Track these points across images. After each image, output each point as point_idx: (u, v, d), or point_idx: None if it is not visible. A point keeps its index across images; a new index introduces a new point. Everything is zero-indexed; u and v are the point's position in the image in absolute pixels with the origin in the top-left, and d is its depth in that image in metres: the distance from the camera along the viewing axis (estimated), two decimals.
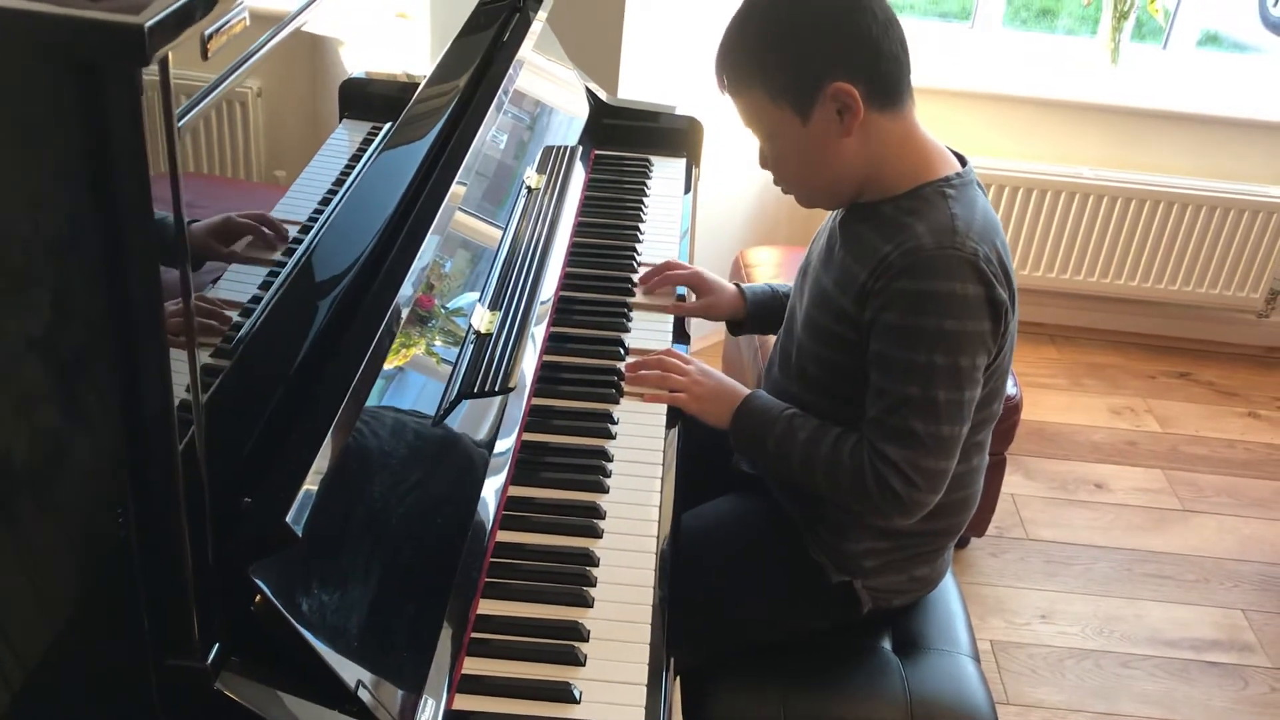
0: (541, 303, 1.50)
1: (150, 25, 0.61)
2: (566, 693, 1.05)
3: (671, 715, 1.17)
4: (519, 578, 1.17)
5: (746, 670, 1.43)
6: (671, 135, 2.09)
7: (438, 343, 1.25)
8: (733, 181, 2.84)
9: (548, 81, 1.93)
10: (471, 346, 1.29)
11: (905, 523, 1.34)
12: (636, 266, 1.74)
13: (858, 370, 1.32)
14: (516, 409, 1.36)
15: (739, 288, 1.69)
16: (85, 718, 0.87)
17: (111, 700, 0.86)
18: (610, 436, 1.39)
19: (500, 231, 1.51)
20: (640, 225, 1.85)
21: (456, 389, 1.22)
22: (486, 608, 1.13)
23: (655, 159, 2.06)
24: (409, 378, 1.16)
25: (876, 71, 1.26)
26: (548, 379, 1.46)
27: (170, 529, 0.77)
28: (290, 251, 1.03)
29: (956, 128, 3.03)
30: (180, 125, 0.72)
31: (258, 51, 0.91)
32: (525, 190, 1.64)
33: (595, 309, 1.63)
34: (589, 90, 2.07)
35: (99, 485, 0.76)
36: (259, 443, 0.95)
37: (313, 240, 1.06)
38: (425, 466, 1.13)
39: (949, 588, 1.57)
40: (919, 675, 1.43)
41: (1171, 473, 2.78)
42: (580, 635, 1.12)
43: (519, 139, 1.73)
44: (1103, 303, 3.26)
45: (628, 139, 2.08)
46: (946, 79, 3.00)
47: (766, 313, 1.67)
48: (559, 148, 1.81)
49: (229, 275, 0.92)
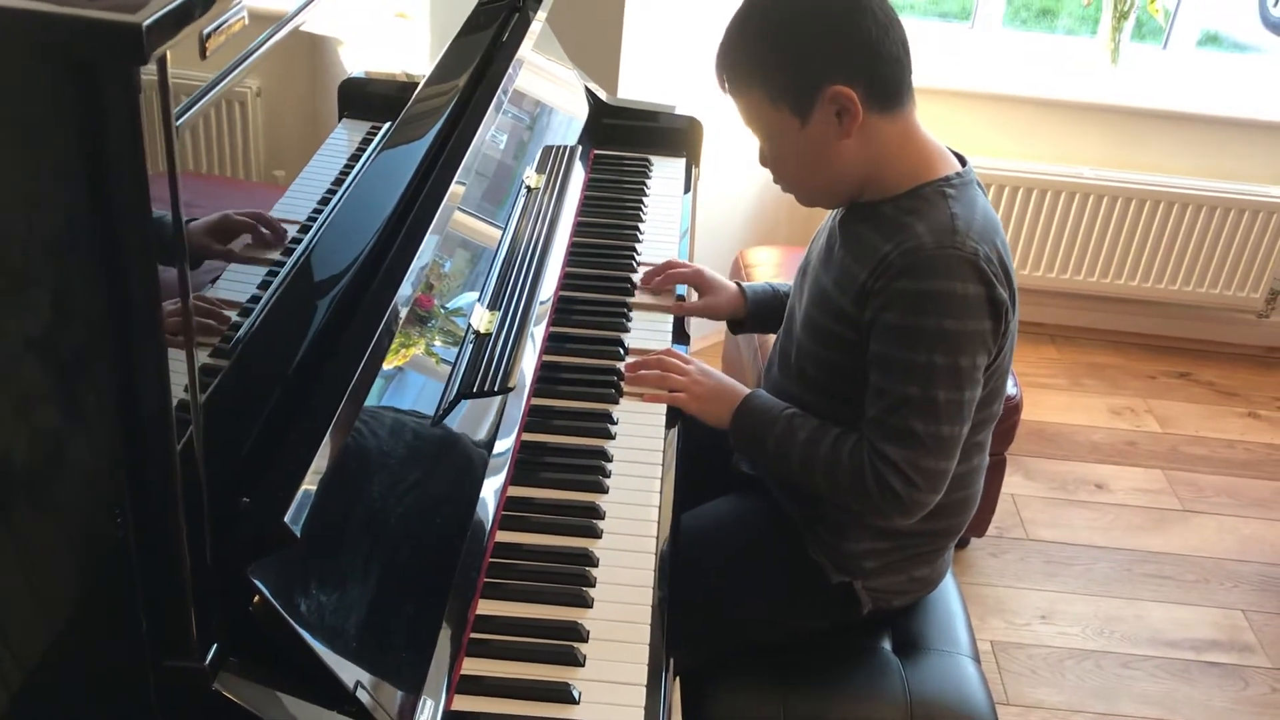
0: (541, 302, 1.50)
1: (148, 24, 0.61)
2: (566, 693, 1.05)
3: (671, 716, 1.17)
4: (518, 578, 1.17)
5: (746, 671, 1.43)
6: (671, 135, 2.09)
7: (437, 342, 1.25)
8: (733, 181, 2.84)
9: (547, 81, 1.93)
10: (471, 346, 1.29)
11: (905, 523, 1.34)
12: (636, 266, 1.73)
13: (857, 370, 1.32)
14: (516, 409, 1.36)
15: (740, 286, 1.69)
16: (83, 718, 0.86)
17: (110, 701, 0.85)
18: (610, 436, 1.39)
19: (500, 231, 1.51)
20: (640, 225, 1.85)
21: (456, 389, 1.22)
22: (486, 608, 1.13)
23: (655, 159, 2.06)
24: (408, 377, 1.16)
25: (876, 74, 1.26)
26: (547, 379, 1.46)
27: (168, 529, 0.77)
28: (289, 251, 1.02)
29: (956, 128, 3.02)
30: (178, 124, 0.72)
31: (256, 51, 0.90)
32: (525, 190, 1.64)
33: (595, 309, 1.63)
34: (588, 90, 2.07)
35: (97, 485, 0.76)
36: (257, 443, 0.95)
37: (312, 240, 1.06)
38: (424, 466, 1.13)
39: (949, 588, 1.57)
40: (919, 676, 1.43)
41: (1171, 473, 2.78)
42: (580, 636, 1.11)
43: (518, 139, 1.73)
44: (1103, 303, 3.26)
45: (627, 139, 2.08)
46: (946, 79, 2.99)
47: (767, 311, 1.67)
48: (558, 147, 1.81)
49: (228, 275, 0.92)
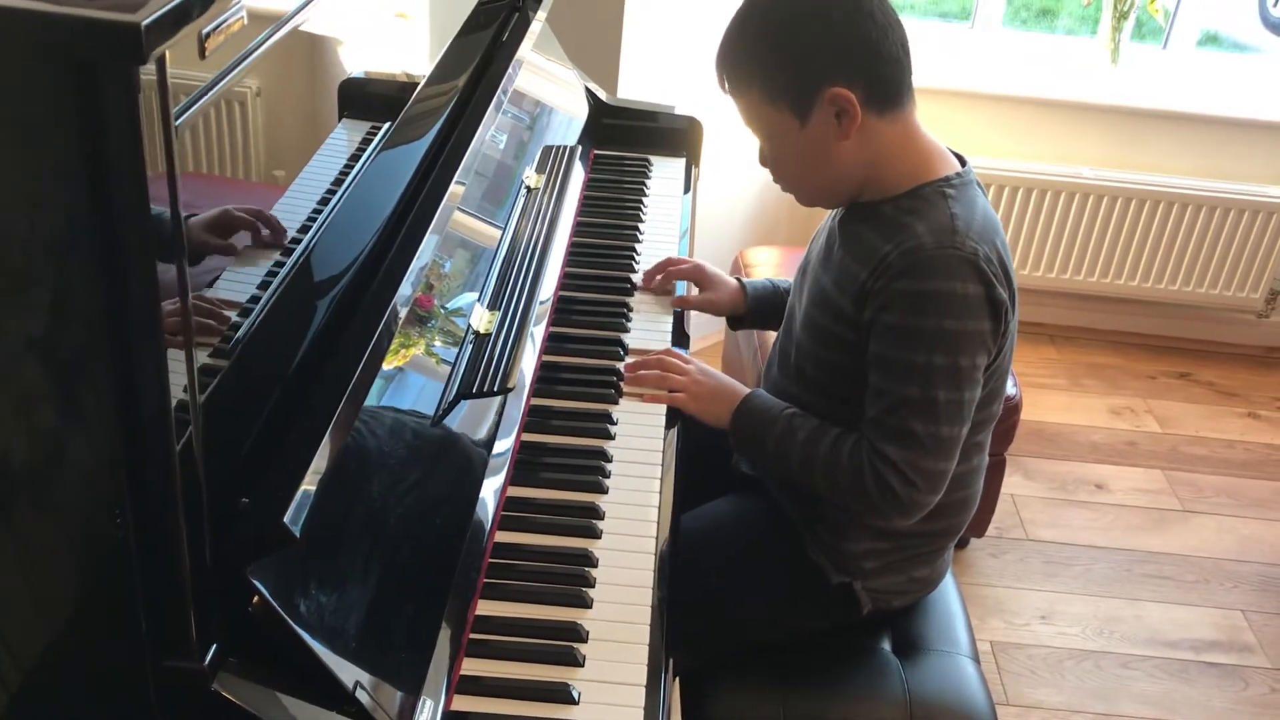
0: (541, 303, 1.50)
1: (147, 24, 0.61)
2: (565, 694, 1.05)
3: (670, 716, 1.17)
4: (518, 578, 1.17)
5: (746, 671, 1.43)
6: (671, 135, 2.09)
7: (437, 343, 1.25)
8: (732, 181, 2.84)
9: (547, 81, 1.93)
10: (470, 346, 1.29)
11: (904, 523, 1.34)
12: (636, 266, 1.73)
13: (856, 370, 1.32)
14: (515, 409, 1.35)
15: (740, 282, 1.69)
16: (83, 718, 0.86)
17: (109, 701, 0.85)
18: (609, 437, 1.39)
19: (499, 231, 1.51)
20: (640, 225, 1.85)
21: (455, 389, 1.22)
22: (485, 608, 1.13)
23: (655, 159, 2.06)
24: (408, 378, 1.16)
25: (875, 75, 1.26)
26: (547, 379, 1.46)
27: (168, 529, 0.77)
28: (289, 251, 1.02)
29: (956, 128, 3.02)
30: (178, 124, 0.72)
31: (256, 50, 0.90)
32: (524, 190, 1.64)
33: (594, 309, 1.63)
34: (588, 90, 2.07)
35: (97, 485, 0.76)
36: (257, 443, 0.95)
37: (311, 240, 1.06)
38: (424, 467, 1.13)
39: (949, 588, 1.57)
40: (919, 676, 1.43)
41: (1171, 473, 2.78)
42: (579, 636, 1.11)
43: (518, 139, 1.73)
44: (1103, 303, 3.26)
45: (627, 139, 2.08)
46: (946, 79, 2.99)
47: (767, 308, 1.67)
48: (558, 147, 1.81)
49: (227, 275, 0.92)
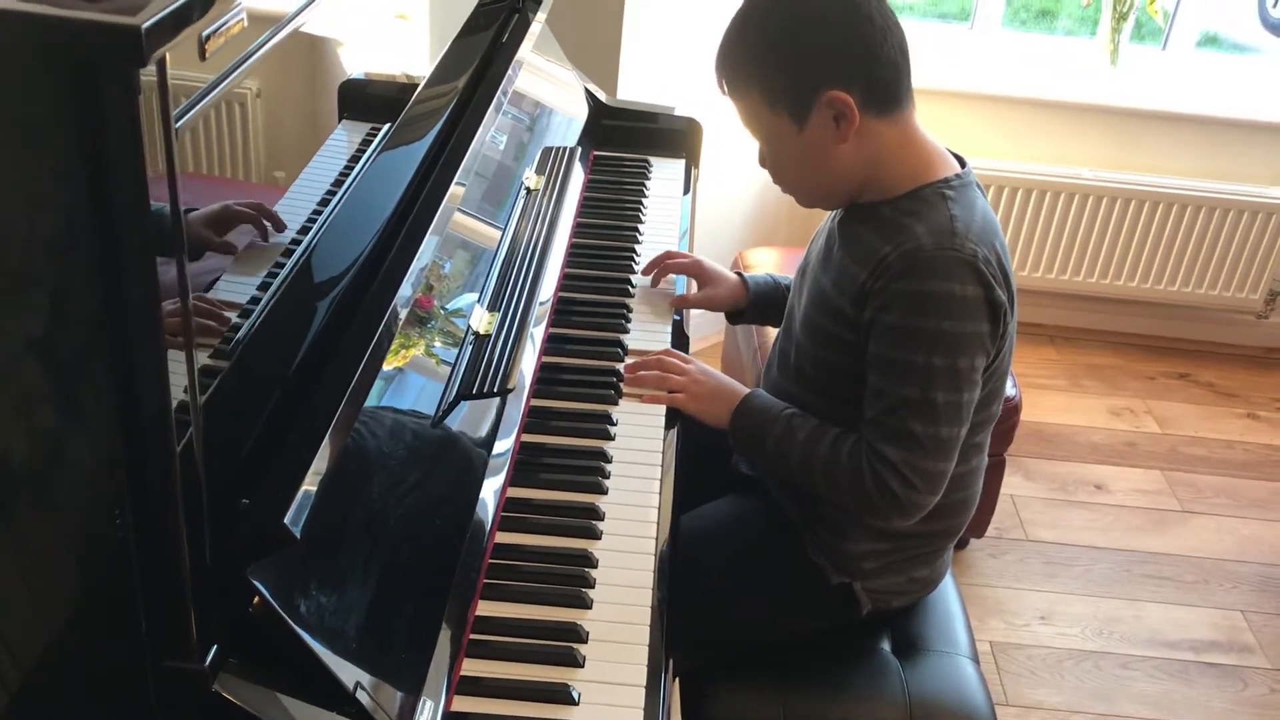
0: (540, 303, 1.50)
1: (148, 26, 0.61)
2: (565, 694, 1.05)
3: (670, 717, 1.17)
4: (518, 579, 1.17)
5: (745, 672, 1.43)
6: (670, 136, 2.09)
7: (437, 343, 1.25)
8: (732, 182, 2.84)
9: (547, 82, 1.93)
10: (470, 347, 1.29)
11: (904, 524, 1.34)
12: (635, 267, 1.74)
13: (856, 371, 1.32)
14: (515, 410, 1.36)
15: (741, 276, 1.68)
16: (83, 719, 0.87)
17: (109, 701, 0.86)
18: (609, 438, 1.39)
19: (499, 232, 1.51)
20: (639, 226, 1.85)
21: (455, 390, 1.22)
22: (485, 609, 1.13)
23: (654, 160, 2.06)
24: (408, 378, 1.16)
25: (874, 78, 1.26)
26: (547, 380, 1.46)
27: (168, 530, 0.77)
28: (289, 252, 1.02)
29: (956, 129, 3.03)
30: (178, 126, 0.72)
31: (256, 52, 0.90)
32: (524, 191, 1.64)
33: (594, 310, 1.63)
34: (588, 91, 2.07)
35: (97, 486, 0.76)
36: (257, 443, 0.95)
37: (312, 241, 1.06)
38: (424, 468, 1.13)
39: (948, 589, 1.57)
40: (918, 677, 1.43)
41: (1171, 474, 2.78)
42: (579, 637, 1.11)
43: (518, 140, 1.73)
44: (1102, 303, 3.26)
45: (627, 140, 2.08)
46: (946, 80, 2.99)
47: (768, 303, 1.67)
48: (558, 148, 1.81)
49: (228, 276, 0.92)
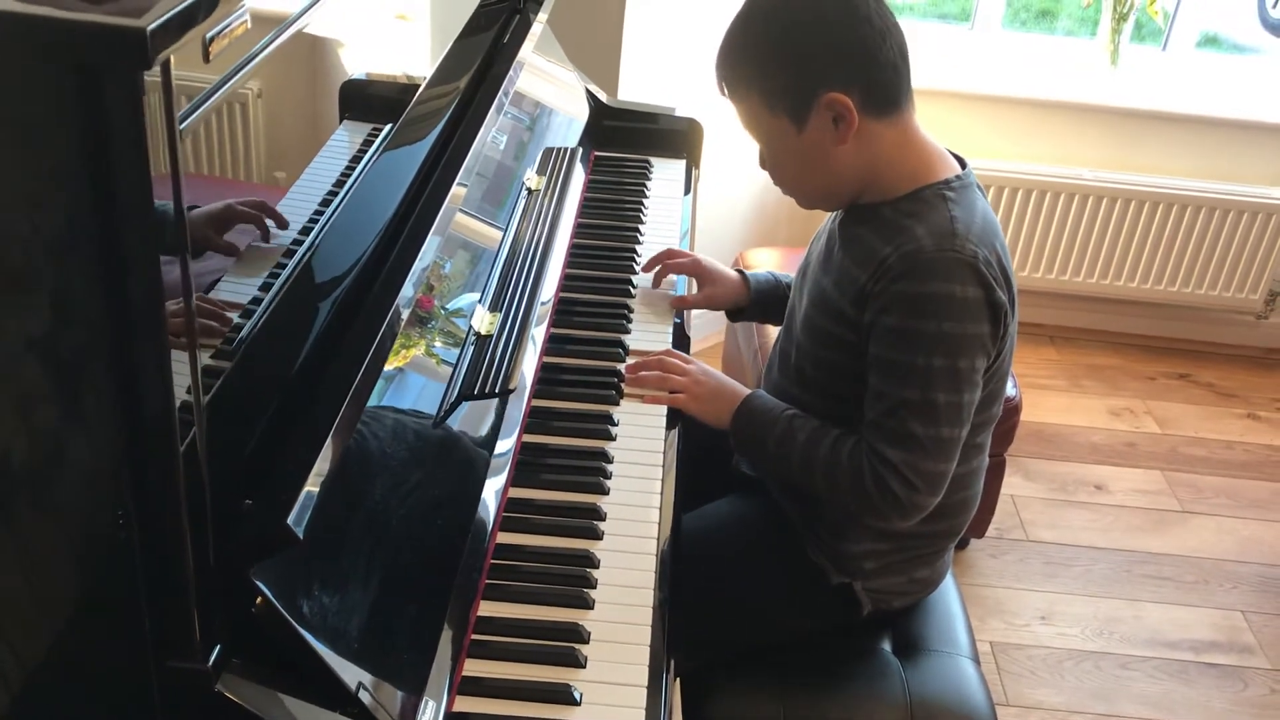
0: (541, 304, 1.50)
1: (152, 28, 0.61)
2: (567, 694, 1.05)
3: (671, 717, 1.17)
4: (519, 579, 1.17)
5: (746, 672, 1.43)
6: (671, 137, 2.09)
7: (438, 344, 1.25)
8: (733, 183, 2.84)
9: (548, 83, 1.93)
10: (472, 348, 1.29)
11: (904, 525, 1.34)
12: (636, 268, 1.74)
13: (857, 371, 1.32)
14: (516, 410, 1.36)
15: (742, 274, 1.68)
16: (85, 719, 0.87)
17: (112, 701, 0.86)
18: (610, 438, 1.39)
19: (500, 233, 1.51)
20: (640, 227, 1.85)
21: (457, 390, 1.22)
22: (487, 609, 1.13)
23: (655, 160, 2.06)
24: (409, 379, 1.16)
25: (873, 80, 1.26)
26: (548, 380, 1.46)
27: (171, 530, 0.77)
28: (291, 253, 1.03)
29: (956, 129, 3.03)
30: (182, 128, 0.72)
31: (259, 54, 0.91)
32: (525, 192, 1.64)
33: (595, 310, 1.63)
34: (589, 92, 2.07)
35: (100, 486, 0.76)
36: (260, 444, 0.95)
37: (313, 241, 1.06)
38: (426, 468, 1.13)
39: (949, 589, 1.57)
40: (919, 677, 1.43)
41: (1171, 474, 2.78)
42: (580, 637, 1.12)
43: (519, 140, 1.73)
44: (1102, 304, 3.26)
45: (628, 140, 2.08)
46: (946, 80, 3.00)
47: (769, 300, 1.67)
48: (559, 149, 1.81)
49: (230, 276, 0.92)
